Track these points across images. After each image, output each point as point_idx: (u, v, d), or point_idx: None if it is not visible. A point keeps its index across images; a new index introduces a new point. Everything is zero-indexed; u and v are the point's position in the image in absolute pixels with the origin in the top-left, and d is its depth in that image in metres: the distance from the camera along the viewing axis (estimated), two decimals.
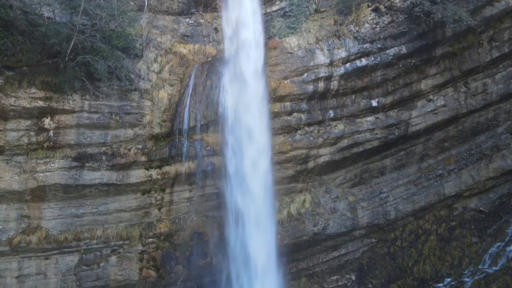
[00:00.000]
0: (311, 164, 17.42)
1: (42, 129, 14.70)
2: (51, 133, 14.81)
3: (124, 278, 15.26)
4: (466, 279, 14.93)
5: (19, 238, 14.45)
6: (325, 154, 17.46)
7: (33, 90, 14.54)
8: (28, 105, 14.43)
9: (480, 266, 15.51)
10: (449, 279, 15.53)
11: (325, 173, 18.04)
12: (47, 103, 14.61)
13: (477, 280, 14.55)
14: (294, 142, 16.90)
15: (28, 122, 14.65)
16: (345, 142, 17.52)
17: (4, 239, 14.45)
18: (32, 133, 14.68)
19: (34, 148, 14.75)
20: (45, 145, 14.78)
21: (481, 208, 17.92)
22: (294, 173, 17.34)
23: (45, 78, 14.67)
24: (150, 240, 15.90)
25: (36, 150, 14.78)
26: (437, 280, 15.84)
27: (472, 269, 15.55)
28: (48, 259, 14.85)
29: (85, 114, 15.08)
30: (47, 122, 14.74)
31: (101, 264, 15.16)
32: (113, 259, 15.35)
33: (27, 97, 14.44)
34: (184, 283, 15.87)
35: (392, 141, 17.97)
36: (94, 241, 15.29)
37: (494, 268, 15.03)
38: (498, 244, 16.00)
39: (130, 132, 15.69)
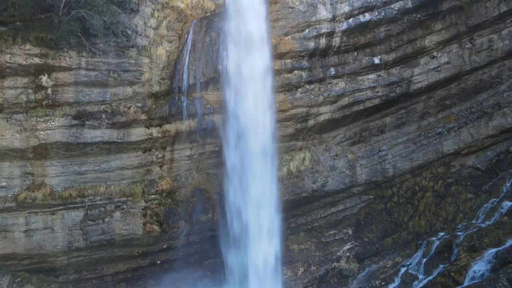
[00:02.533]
0: (311, 122, 17.44)
1: (40, 87, 14.60)
2: (49, 91, 14.72)
3: (129, 232, 15.79)
4: (459, 233, 15.41)
5: (24, 195, 14.80)
6: (326, 112, 17.42)
7: (28, 46, 14.30)
8: (24, 62, 14.25)
9: (473, 221, 15.96)
10: (442, 233, 16.05)
11: (325, 132, 18.10)
12: (43, 60, 14.41)
13: (469, 234, 15.02)
14: (295, 100, 16.81)
15: (25, 80, 14.53)
16: (345, 101, 17.42)
17: (9, 195, 14.81)
18: (30, 91, 14.60)
19: (33, 106, 14.73)
20: (44, 103, 14.74)
21: (478, 166, 18.16)
22: (294, 131, 17.41)
23: (39, 34, 14.37)
24: (153, 196, 16.28)
25: (36, 108, 14.76)
26: (431, 234, 16.38)
27: (465, 223, 16.02)
28: (54, 214, 15.29)
29: (83, 72, 14.90)
30: (44, 79, 14.61)
31: (106, 220, 15.64)
32: (117, 214, 15.81)
33: (23, 54, 14.23)
34: (187, 237, 16.45)
35: (393, 99, 17.86)
36: (98, 198, 15.66)
37: (487, 222, 15.46)
38: (493, 200, 16.36)
39: (129, 90, 15.57)
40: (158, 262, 16.56)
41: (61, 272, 15.66)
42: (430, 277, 14.46)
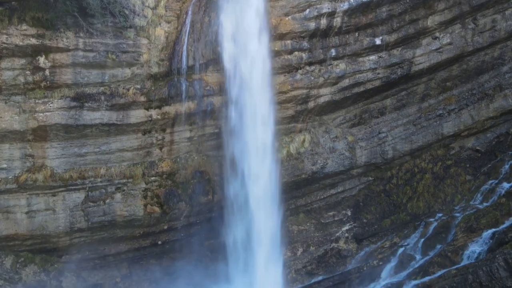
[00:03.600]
0: (311, 104, 17.37)
1: (37, 68, 14.48)
2: (47, 72, 14.61)
3: (130, 213, 15.95)
4: (457, 214, 15.57)
5: (25, 176, 14.88)
6: (326, 94, 17.33)
7: (24, 26, 14.11)
8: (21, 43, 14.09)
9: (471, 202, 16.10)
10: (440, 214, 16.21)
11: (325, 113, 18.05)
12: (40, 41, 14.25)
13: (467, 215, 15.18)
14: (295, 82, 16.69)
15: (23, 61, 14.40)
16: (346, 82, 17.30)
17: (10, 177, 14.90)
18: (27, 72, 14.49)
19: (31, 88, 14.65)
20: (42, 84, 14.65)
21: (477, 148, 18.19)
22: (294, 113, 17.36)
23: (35, 14, 14.15)
24: (153, 178, 16.36)
25: (34, 90, 14.68)
26: (429, 215, 16.55)
27: (463, 205, 16.16)
28: (55, 196, 15.40)
29: (81, 53, 14.75)
30: (42, 60, 14.49)
31: (107, 201, 15.77)
32: (118, 196, 15.93)
33: (19, 34, 14.06)
34: (187, 218, 16.63)
35: (394, 81, 17.74)
36: (99, 179, 15.75)
37: (485, 204, 15.60)
38: (491, 181, 16.46)
39: (127, 72, 15.44)
40: (159, 242, 16.79)
41: (64, 252, 15.90)
42: (427, 257, 14.69)
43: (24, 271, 14.86)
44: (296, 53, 16.55)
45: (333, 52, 16.95)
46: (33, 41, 14.19)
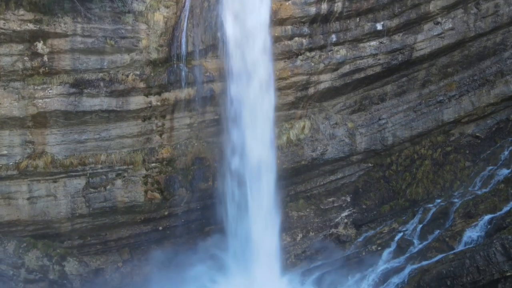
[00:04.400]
0: (311, 90, 17.31)
1: (35, 54, 14.37)
2: (45, 58, 14.50)
3: (131, 199, 16.06)
4: (456, 200, 15.69)
5: (25, 163, 14.93)
6: (326, 80, 17.25)
7: (21, 11, 13.93)
8: (18, 28, 13.94)
9: (470, 188, 16.20)
10: (439, 200, 16.34)
11: (325, 100, 18.00)
12: (38, 26, 14.09)
13: (466, 200, 15.30)
14: (295, 68, 16.59)
15: (21, 47, 14.28)
16: (346, 68, 17.21)
17: (11, 163, 14.94)
18: (26, 58, 14.38)
19: (30, 74, 14.56)
20: (40, 70, 14.56)
21: (477, 134, 18.21)
22: (294, 99, 17.31)
23: None
24: (153, 165, 16.42)
25: (33, 76, 14.60)
26: (428, 201, 16.68)
27: (462, 191, 16.27)
28: (56, 182, 15.48)
29: (79, 38, 14.60)
30: (40, 46, 14.37)
31: (108, 187, 15.85)
32: (119, 182, 16.01)
33: (16, 20, 13.90)
34: (188, 204, 16.75)
35: (394, 67, 17.64)
36: (99, 166, 15.80)
37: (483, 190, 15.71)
38: (490, 167, 16.54)
39: (126, 58, 15.32)
40: (160, 228, 16.95)
41: (66, 237, 16.08)
42: (425, 242, 14.86)
43: (27, 256, 15.04)
44: (296, 38, 16.42)
45: (333, 37, 16.81)
46: (31, 26, 14.04)
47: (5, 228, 15.16)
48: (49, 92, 14.62)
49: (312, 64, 16.79)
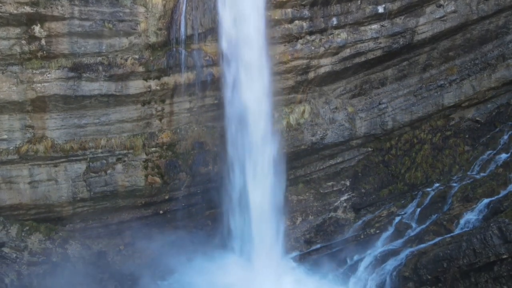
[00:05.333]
0: (311, 74, 17.19)
1: (33, 38, 14.25)
2: (43, 41, 14.38)
3: (131, 184, 16.16)
4: (454, 184, 15.79)
5: (26, 147, 14.97)
6: (326, 64, 17.11)
7: None
8: (15, 11, 13.77)
9: (469, 173, 16.28)
10: (438, 184, 16.45)
11: (325, 84, 17.91)
12: (35, 9, 13.92)
13: (464, 185, 15.39)
14: (295, 52, 16.44)
15: (18, 30, 14.16)
16: (347, 52, 17.05)
17: (11, 148, 14.99)
18: (23, 41, 14.27)
19: (28, 58, 14.47)
20: (38, 54, 14.47)
21: (477, 118, 18.19)
22: (294, 83, 17.21)
23: None
24: (153, 149, 16.45)
25: (31, 60, 14.51)
26: (426, 185, 16.78)
27: (461, 175, 16.35)
28: (57, 166, 15.56)
29: (76, 22, 14.44)
30: (37, 29, 14.22)
31: (108, 172, 15.93)
32: (119, 167, 16.08)
33: (13, 2, 13.72)
34: (188, 188, 16.85)
35: (395, 51, 17.48)
36: (99, 150, 15.85)
37: (482, 174, 15.79)
38: (489, 152, 16.59)
39: (125, 41, 15.17)
40: (161, 212, 17.11)
41: (68, 221, 16.24)
42: (423, 226, 15.02)
43: (29, 239, 15.22)
44: (296, 22, 16.22)
45: (334, 20, 16.61)
46: (28, 9, 13.86)
47: (7, 212, 15.30)
48: (48, 76, 14.54)
49: (313, 48, 16.63)
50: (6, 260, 14.62)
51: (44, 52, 14.45)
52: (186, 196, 16.94)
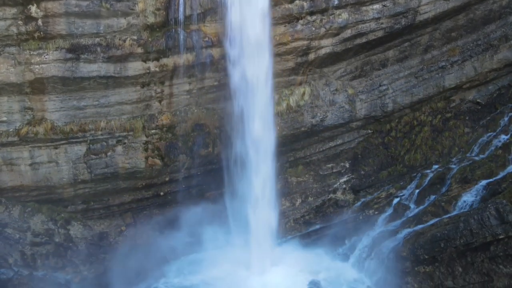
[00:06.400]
0: (311, 56, 17.03)
1: (30, 18, 14.08)
2: (40, 22, 14.21)
3: (132, 166, 16.23)
4: (453, 166, 15.85)
5: (26, 129, 14.98)
6: (327, 45, 16.93)
7: None
8: None
9: (468, 155, 16.32)
10: (437, 166, 16.50)
11: (326, 66, 17.76)
12: None
13: (463, 166, 15.45)
14: (295, 33, 16.24)
15: (14, 10, 13.98)
16: (348, 33, 16.84)
17: (11, 130, 15.02)
18: (20, 22, 14.11)
19: (25, 39, 14.33)
20: (35, 35, 14.33)
21: (478, 100, 18.12)
22: (294, 65, 17.07)
23: None
24: (153, 131, 16.46)
25: (28, 41, 14.38)
26: (425, 167, 16.84)
27: (460, 157, 16.39)
28: (57, 148, 15.60)
29: (73, 1, 14.25)
30: (33, 9, 14.04)
31: (108, 154, 15.98)
32: (119, 149, 16.12)
33: None
34: (188, 170, 16.93)
35: (397, 32, 17.27)
36: (99, 132, 15.86)
37: (481, 156, 15.83)
38: (489, 134, 16.58)
39: (123, 22, 14.97)
40: (162, 193, 17.24)
41: (69, 202, 16.40)
42: (421, 207, 15.16)
43: (32, 220, 15.40)
44: (297, 1, 15.97)
45: (335, 0, 16.35)
46: None
47: (9, 194, 15.43)
48: (46, 58, 14.42)
49: (313, 28, 16.41)
50: (9, 241, 14.82)
51: (41, 32, 14.30)
52: (187, 178, 17.04)
